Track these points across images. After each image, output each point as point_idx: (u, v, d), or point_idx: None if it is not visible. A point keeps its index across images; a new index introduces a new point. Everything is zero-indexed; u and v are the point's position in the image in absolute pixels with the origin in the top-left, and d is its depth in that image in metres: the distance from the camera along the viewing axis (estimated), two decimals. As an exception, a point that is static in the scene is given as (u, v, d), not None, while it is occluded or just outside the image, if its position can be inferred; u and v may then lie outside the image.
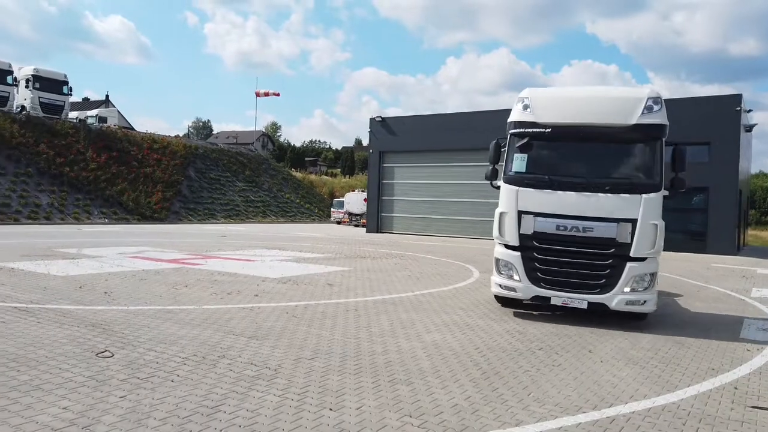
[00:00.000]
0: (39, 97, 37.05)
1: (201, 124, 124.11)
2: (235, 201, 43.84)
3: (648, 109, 8.07)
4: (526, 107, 8.67)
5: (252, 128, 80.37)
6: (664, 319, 9.32)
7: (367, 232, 34.69)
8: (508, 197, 8.54)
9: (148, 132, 47.36)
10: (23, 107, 36.80)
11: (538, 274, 8.35)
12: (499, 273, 8.76)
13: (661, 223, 7.91)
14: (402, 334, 7.35)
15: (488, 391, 5.22)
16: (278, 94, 61.71)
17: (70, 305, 8.25)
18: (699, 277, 15.62)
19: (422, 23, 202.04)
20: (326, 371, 5.60)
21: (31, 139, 33.80)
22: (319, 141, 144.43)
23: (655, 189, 7.92)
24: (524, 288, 8.42)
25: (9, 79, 35.90)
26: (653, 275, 8.04)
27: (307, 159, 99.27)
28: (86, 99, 77.85)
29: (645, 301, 7.98)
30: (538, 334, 7.61)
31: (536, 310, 9.25)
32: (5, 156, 32.00)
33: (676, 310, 10.27)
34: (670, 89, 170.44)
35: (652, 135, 8.10)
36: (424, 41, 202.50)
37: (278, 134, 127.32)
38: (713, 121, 24.54)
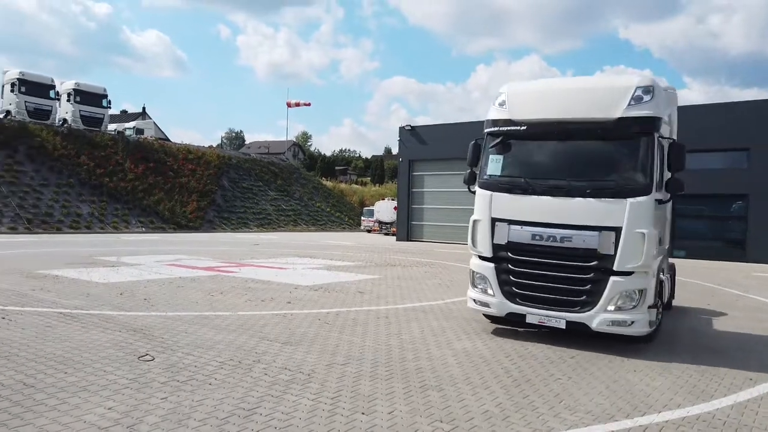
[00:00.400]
0: (80, 111, 38.41)
1: (234, 134, 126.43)
2: (267, 210, 44.51)
3: (636, 99, 7.04)
4: (502, 104, 7.88)
5: (283, 138, 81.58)
6: (700, 327, 9.15)
7: (397, 240, 34.79)
8: (482, 203, 7.76)
9: (183, 143, 48.55)
10: (65, 120, 38.19)
11: (513, 288, 7.49)
12: (474, 286, 7.97)
13: (650, 232, 6.82)
14: (432, 342, 7.41)
15: (519, 398, 5.24)
16: (309, 104, 62.74)
17: (112, 311, 8.56)
18: (737, 286, 15.22)
19: (451, 31, 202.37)
20: (358, 376, 5.70)
21: (72, 151, 35.04)
22: (349, 150, 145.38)
23: (643, 192, 6.87)
24: (498, 303, 7.59)
25: (51, 93, 37.33)
26: (643, 292, 6.95)
27: (337, 168, 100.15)
28: (124, 111, 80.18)
29: (633, 322, 6.88)
30: (570, 342, 7.57)
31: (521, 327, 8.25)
32: (48, 167, 33.24)
33: (713, 319, 10.06)
34: (708, 94, 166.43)
35: (640, 129, 7.02)
36: (453, 49, 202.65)
37: (309, 143, 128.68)
38: (752, 127, 23.91)
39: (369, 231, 45.25)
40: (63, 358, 5.91)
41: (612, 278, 6.94)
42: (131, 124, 52.58)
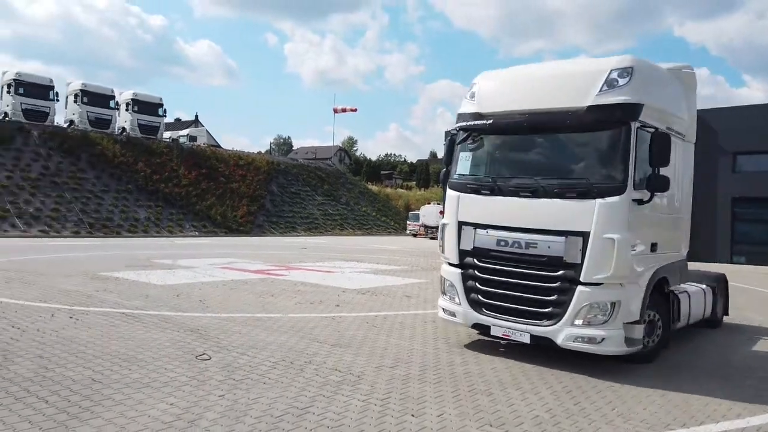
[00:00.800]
0: (137, 120, 40.07)
1: (282, 140, 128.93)
2: (314, 214, 45.18)
3: (609, 84, 6.18)
4: (472, 96, 7.30)
5: (329, 143, 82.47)
6: (760, 335, 8.78)
7: (443, 244, 34.60)
8: (450, 205, 7.25)
9: (234, 149, 49.91)
10: (124, 129, 39.91)
11: (479, 297, 6.95)
12: (444, 294, 7.52)
13: (622, 237, 5.97)
14: (481, 345, 7.40)
15: (570, 405, 5.19)
16: (355, 110, 63.28)
17: (169, 312, 8.93)
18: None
19: (497, 33, 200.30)
20: (407, 379, 5.77)
21: (130, 159, 36.57)
22: (394, 154, 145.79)
23: (615, 191, 6.03)
24: (464, 313, 7.06)
25: (111, 103, 39.11)
26: (616, 305, 6.10)
27: (382, 172, 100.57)
28: (178, 119, 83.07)
29: (603, 339, 6.07)
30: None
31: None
32: (108, 174, 34.79)
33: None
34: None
35: (613, 118, 6.13)
36: (500, 51, 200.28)
37: (354, 148, 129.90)
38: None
39: (414, 235, 45.28)
40: (127, 355, 6.22)
41: (579, 289, 6.18)
42: (185, 131, 54.44)
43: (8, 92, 34.65)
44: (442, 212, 34.30)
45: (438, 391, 5.44)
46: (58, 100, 37.04)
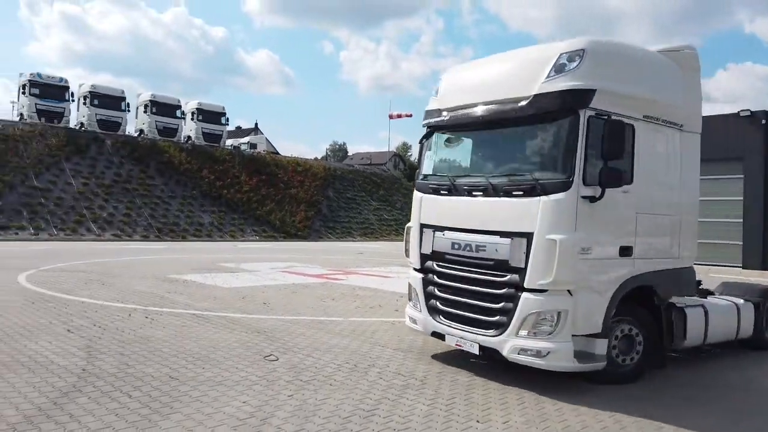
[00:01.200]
0: (202, 128, 41.74)
1: (337, 146, 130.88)
2: (370, 219, 45.60)
3: (558, 69, 5.61)
4: (437, 92, 7.02)
5: (384, 149, 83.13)
6: None
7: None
8: (414, 207, 7.01)
9: (292, 156, 51.08)
10: (189, 137, 41.65)
11: (437, 304, 6.58)
12: (409, 301, 7.21)
13: (567, 239, 5.38)
14: (544, 354, 7.30)
15: (638, 415, 5.06)
16: (411, 115, 63.44)
17: (236, 314, 9.27)
18: None
19: (555, 34, 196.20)
20: (470, 386, 5.78)
21: (195, 166, 38.11)
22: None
23: (560, 188, 5.48)
24: (424, 320, 6.71)
25: (178, 113, 40.92)
26: (562, 315, 5.50)
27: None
28: (239, 127, 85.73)
29: (548, 352, 5.48)
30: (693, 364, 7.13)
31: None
32: (175, 181, 36.38)
33: None
34: None
35: (558, 106, 5.56)
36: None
37: (409, 154, 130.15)
38: None
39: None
40: (200, 354, 6.53)
41: (523, 295, 5.65)
42: (245, 139, 56.22)
43: (84, 104, 36.86)
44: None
45: (503, 398, 5.43)
46: (129, 111, 39.09)
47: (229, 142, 47.34)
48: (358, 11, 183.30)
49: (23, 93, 35.11)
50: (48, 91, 34.96)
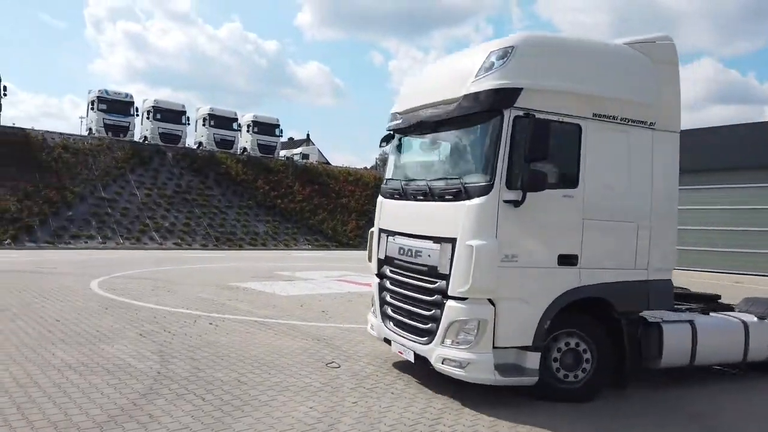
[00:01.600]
0: (257, 140, 42.95)
1: (386, 155, 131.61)
2: (421, 228, 45.59)
3: (486, 69, 5.38)
4: (398, 93, 6.95)
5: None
6: None
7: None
8: (376, 212, 7.01)
9: (344, 165, 51.75)
10: (245, 149, 42.93)
11: (387, 310, 6.54)
12: (371, 306, 7.19)
13: (484, 245, 5.12)
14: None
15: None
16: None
17: (296, 321, 9.49)
18: None
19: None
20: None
21: (251, 176, 39.20)
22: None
23: (482, 191, 5.25)
24: (378, 326, 6.66)
25: (234, 125, 42.26)
26: (481, 325, 5.21)
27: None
28: (291, 138, 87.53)
29: (468, 363, 5.23)
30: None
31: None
32: (232, 191, 37.52)
33: None
34: None
35: (482, 106, 5.37)
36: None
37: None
38: None
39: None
40: (265, 360, 6.73)
41: (447, 303, 5.44)
42: (298, 150, 57.37)
43: (147, 118, 38.66)
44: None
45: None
46: (189, 124, 40.66)
47: (282, 152, 48.46)
48: (407, 22, 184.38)
49: (92, 108, 37.13)
50: (114, 107, 36.83)
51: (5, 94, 33.17)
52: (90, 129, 37.40)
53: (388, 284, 6.58)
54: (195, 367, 6.27)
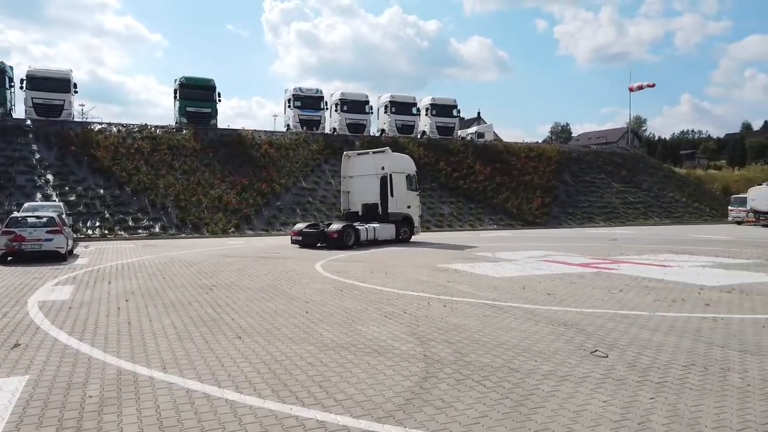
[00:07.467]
0: (435, 122, 43.31)
1: (560, 128, 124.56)
2: (613, 203, 42.27)
3: None
4: None
5: (610, 126, 76.46)
6: None
7: (787, 233, 28.78)
8: None
9: (524, 141, 49.99)
10: (424, 132, 43.55)
11: None
12: None
13: None
14: None
15: None
16: (653, 85, 56.75)
17: (527, 304, 9.13)
18: None
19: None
20: None
21: (432, 159, 39.68)
22: (692, 130, 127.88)
23: None
24: None
25: (414, 110, 43.06)
26: None
27: (682, 152, 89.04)
28: (462, 118, 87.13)
29: None
30: None
31: None
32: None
33: None
34: None
35: None
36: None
37: (643, 129, 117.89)
38: None
39: (739, 222, 38.69)
40: (521, 346, 6.48)
41: None
42: (472, 129, 56.77)
43: (336, 110, 41.13)
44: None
45: None
46: (372, 113, 42.38)
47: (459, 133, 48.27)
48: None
49: (289, 106, 40.50)
50: (307, 102, 39.76)
51: (220, 100, 37.60)
52: (288, 125, 40.85)
53: None
54: (458, 351, 6.24)
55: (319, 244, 20.49)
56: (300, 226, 21.72)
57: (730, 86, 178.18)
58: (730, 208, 41.06)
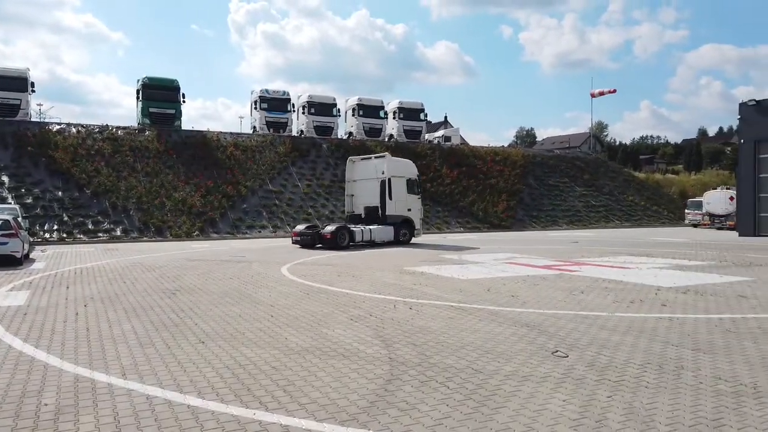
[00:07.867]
0: (403, 126, 43.51)
1: (525, 132, 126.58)
2: (576, 206, 43.20)
3: None
4: None
5: (573, 131, 78.25)
6: None
7: (739, 235, 29.89)
8: None
9: (490, 145, 50.62)
10: (391, 135, 43.69)
11: None
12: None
13: None
14: None
15: None
16: (614, 91, 58.41)
17: (491, 306, 9.27)
18: None
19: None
20: (822, 397, 4.91)
21: (399, 162, 39.82)
22: (651, 136, 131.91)
23: None
24: None
25: (381, 113, 43.16)
26: None
27: (641, 157, 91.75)
28: (429, 122, 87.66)
29: None
30: None
31: None
32: (382, 178, 38.47)
33: None
34: None
35: None
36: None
37: (605, 134, 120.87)
38: None
39: (695, 225, 40.05)
40: (485, 348, 6.57)
41: None
42: (439, 133, 57.08)
43: (303, 113, 40.92)
44: (732, 198, 31.17)
45: None
46: (339, 116, 42.33)
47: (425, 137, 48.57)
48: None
49: (255, 108, 40.08)
50: (274, 104, 39.45)
51: (184, 101, 36.95)
52: (254, 127, 40.42)
53: None
54: (422, 354, 6.29)
55: (318, 245, 21.58)
56: (300, 227, 22.98)
57: (686, 93, 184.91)
58: (686, 211, 42.44)
